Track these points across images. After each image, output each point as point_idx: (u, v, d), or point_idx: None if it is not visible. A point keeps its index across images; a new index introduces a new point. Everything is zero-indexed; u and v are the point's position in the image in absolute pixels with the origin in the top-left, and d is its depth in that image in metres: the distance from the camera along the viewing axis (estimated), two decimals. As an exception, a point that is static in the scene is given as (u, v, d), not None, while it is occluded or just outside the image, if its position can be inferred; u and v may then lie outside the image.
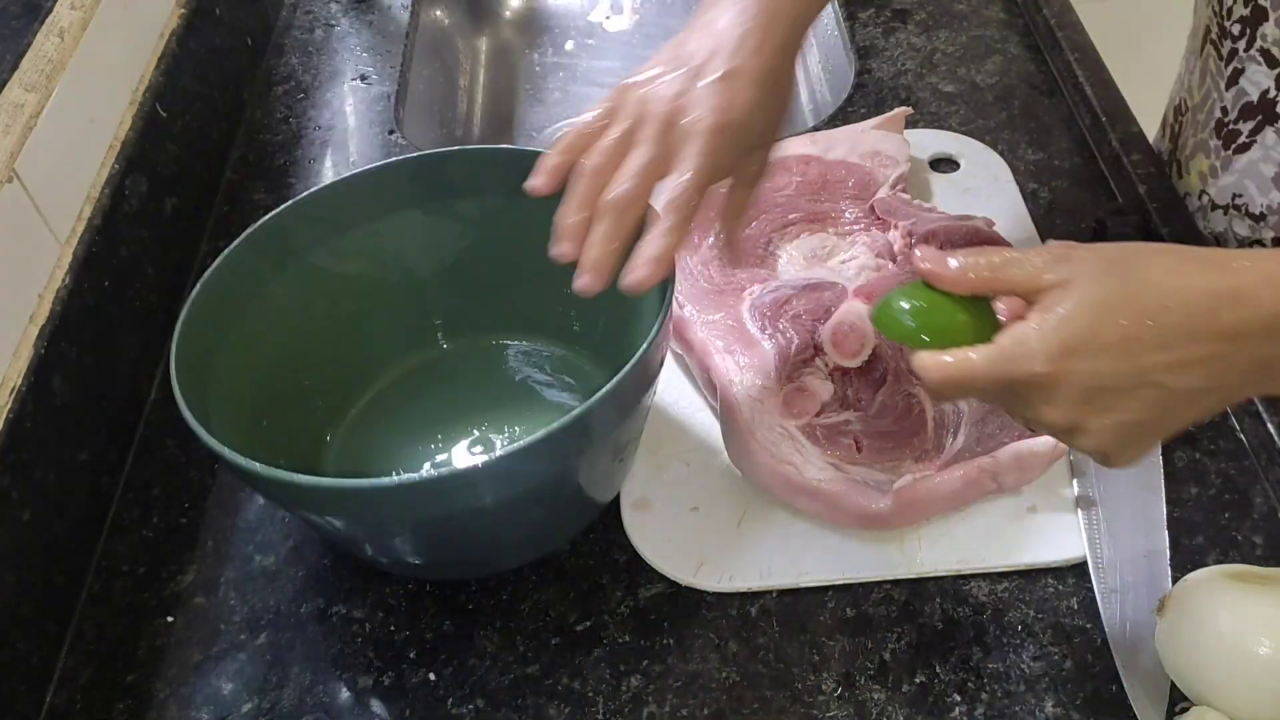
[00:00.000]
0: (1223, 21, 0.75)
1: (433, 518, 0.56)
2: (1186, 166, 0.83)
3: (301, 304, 0.68)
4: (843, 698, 0.59)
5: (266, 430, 0.65)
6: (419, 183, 0.70)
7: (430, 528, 0.58)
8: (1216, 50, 0.76)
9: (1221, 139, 0.78)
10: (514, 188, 0.69)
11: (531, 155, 0.69)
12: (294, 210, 0.67)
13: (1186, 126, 0.83)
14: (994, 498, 0.66)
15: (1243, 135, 0.75)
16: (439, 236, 0.72)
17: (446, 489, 0.53)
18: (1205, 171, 0.80)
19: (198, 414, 0.55)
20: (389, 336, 0.74)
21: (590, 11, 1.22)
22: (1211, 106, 0.78)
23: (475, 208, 0.71)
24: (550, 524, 0.64)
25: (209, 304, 0.62)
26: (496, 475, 0.53)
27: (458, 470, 0.52)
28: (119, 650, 0.64)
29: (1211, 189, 0.80)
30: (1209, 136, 0.79)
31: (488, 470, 0.53)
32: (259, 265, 0.66)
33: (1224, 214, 0.79)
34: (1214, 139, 0.78)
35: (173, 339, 0.58)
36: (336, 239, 0.69)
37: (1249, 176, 0.76)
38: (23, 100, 0.66)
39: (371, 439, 0.72)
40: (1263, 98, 0.73)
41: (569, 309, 0.74)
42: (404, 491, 0.53)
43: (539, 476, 0.56)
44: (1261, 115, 0.73)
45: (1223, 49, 0.75)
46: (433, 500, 0.54)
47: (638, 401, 0.60)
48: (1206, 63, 0.78)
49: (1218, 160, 0.79)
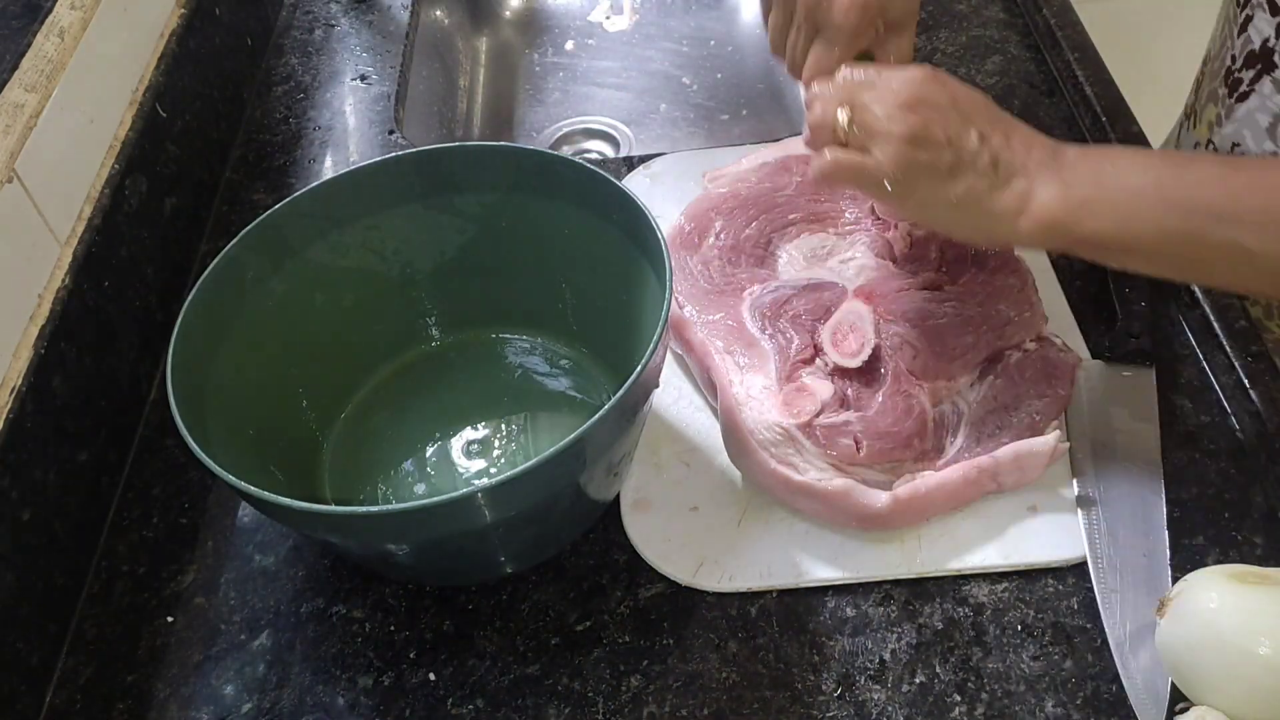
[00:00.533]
0: None
1: (428, 539, 0.56)
2: (1199, 116, 0.83)
3: (300, 300, 0.69)
4: (843, 698, 0.59)
5: (264, 428, 0.65)
6: (419, 178, 0.70)
7: (426, 546, 0.58)
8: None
9: (1228, 87, 0.78)
10: (513, 183, 0.70)
11: (530, 152, 0.69)
12: (292, 207, 0.67)
13: (1205, 76, 0.83)
14: (994, 498, 0.66)
15: (1244, 83, 0.76)
16: (438, 232, 0.72)
17: (443, 514, 0.53)
18: (1213, 120, 0.80)
19: (195, 427, 0.55)
20: (388, 331, 0.74)
21: (590, 11, 1.22)
22: (1224, 55, 0.78)
23: (474, 203, 0.71)
24: (549, 535, 0.64)
25: (206, 307, 0.62)
26: (495, 499, 0.53)
27: (455, 496, 0.52)
28: (119, 650, 0.64)
29: (1216, 137, 0.80)
30: (1219, 85, 0.79)
31: (486, 495, 0.53)
32: (257, 264, 0.66)
33: None
34: (1222, 87, 0.78)
35: (168, 351, 0.58)
36: (336, 234, 0.69)
37: (1247, 125, 0.76)
38: (23, 100, 0.66)
39: (370, 432, 0.72)
40: (1263, 46, 0.72)
41: (567, 304, 0.74)
42: (399, 517, 0.53)
43: (540, 495, 0.56)
44: (1261, 64, 0.73)
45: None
46: (428, 524, 0.54)
47: (637, 412, 0.60)
48: (1228, 9, 0.78)
49: (1223, 108, 0.78)
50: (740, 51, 1.17)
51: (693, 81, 1.13)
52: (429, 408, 0.73)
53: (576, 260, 0.71)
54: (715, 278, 0.74)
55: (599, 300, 0.72)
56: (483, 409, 0.73)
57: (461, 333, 0.76)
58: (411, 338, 0.76)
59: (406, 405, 0.73)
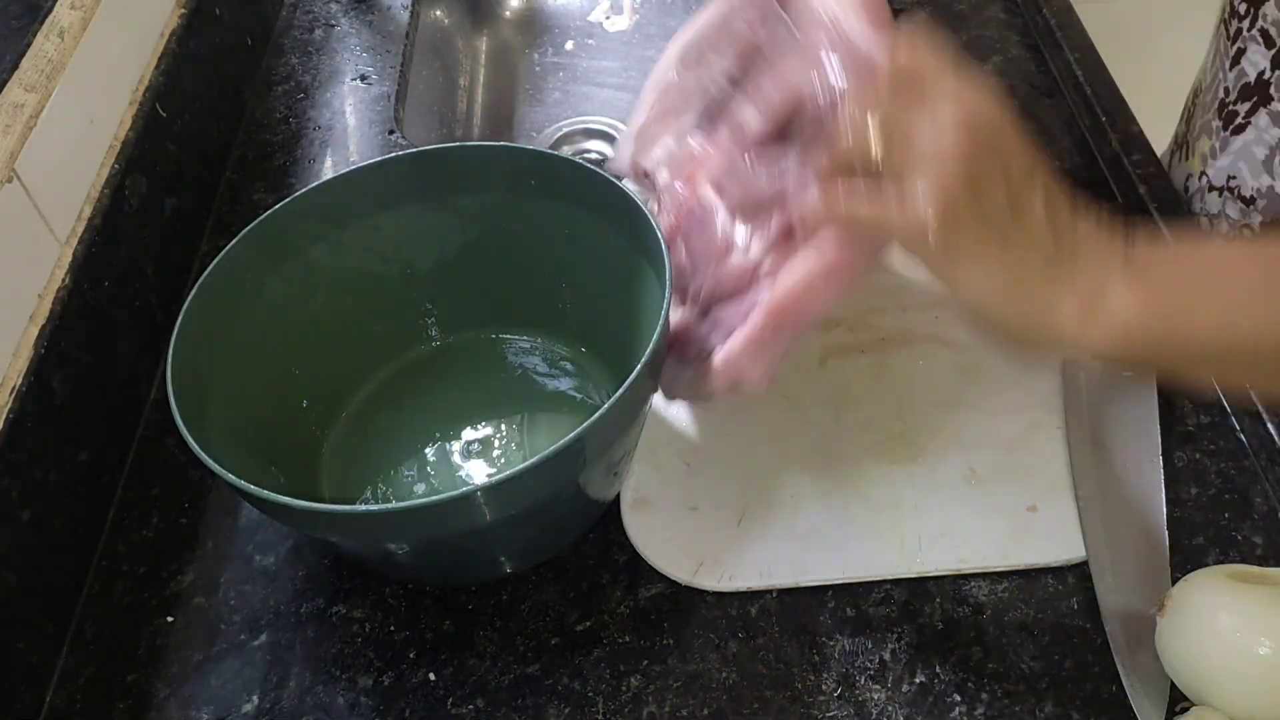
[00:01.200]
0: (1234, 1, 0.75)
1: (428, 539, 0.56)
2: (1192, 148, 0.83)
3: (300, 300, 0.69)
4: (843, 698, 0.59)
5: (264, 428, 0.65)
6: (418, 178, 0.70)
7: (425, 545, 0.58)
8: (1226, 30, 0.76)
9: (1222, 119, 0.77)
10: (513, 184, 0.70)
11: (530, 152, 0.69)
12: (292, 207, 0.67)
13: (1198, 108, 0.83)
14: (994, 498, 0.66)
15: (1240, 116, 0.75)
16: (438, 232, 0.72)
17: (442, 513, 0.53)
18: (1206, 153, 0.80)
19: (195, 427, 0.55)
20: (388, 331, 0.74)
21: (590, 11, 1.22)
22: (1217, 87, 0.78)
23: (475, 203, 0.71)
24: (549, 535, 0.64)
25: (206, 308, 0.62)
26: (495, 498, 0.53)
27: (455, 495, 0.52)
28: (119, 650, 0.64)
29: (1210, 170, 0.80)
30: (1212, 117, 0.79)
31: (486, 494, 0.52)
32: (257, 263, 0.66)
33: (1219, 195, 0.79)
34: (1216, 119, 0.78)
35: (168, 351, 0.58)
36: (336, 234, 0.69)
37: (1243, 158, 0.76)
38: (23, 100, 0.66)
39: (370, 433, 0.72)
40: (1259, 79, 0.72)
41: (567, 304, 0.74)
42: (399, 516, 0.53)
43: (540, 494, 0.56)
44: (1257, 96, 0.73)
45: (1230, 28, 0.75)
46: (428, 523, 0.54)
47: (638, 412, 0.60)
48: (1218, 43, 0.78)
49: (1217, 141, 0.78)
50: (740, 51, 1.17)
51: (693, 81, 1.13)
52: (429, 408, 0.73)
53: (576, 260, 0.71)
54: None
55: (599, 300, 0.71)
56: (483, 409, 0.73)
57: (461, 333, 0.76)
58: (412, 338, 0.76)
59: (407, 405, 0.73)
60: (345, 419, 0.72)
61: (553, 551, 0.66)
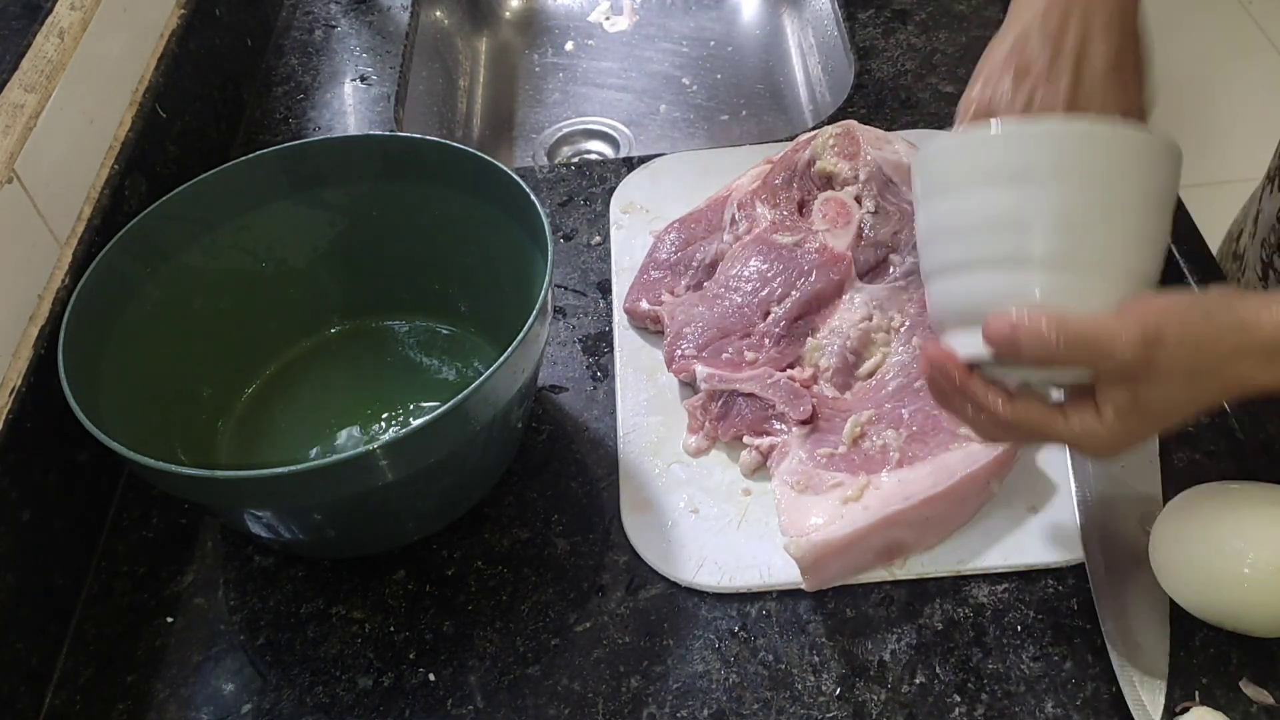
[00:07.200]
0: None
1: (326, 503, 0.58)
2: None
3: (179, 304, 0.70)
4: (842, 698, 0.59)
5: (160, 427, 0.66)
6: (284, 174, 0.71)
7: (327, 511, 0.59)
8: None
9: None
10: (380, 171, 0.71)
11: (394, 139, 0.71)
12: (159, 212, 0.68)
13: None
14: (994, 498, 0.66)
15: None
16: (309, 226, 0.74)
17: (341, 474, 0.55)
18: None
19: (92, 416, 0.56)
20: (273, 326, 0.75)
21: (590, 12, 1.22)
22: None
23: (343, 194, 0.72)
24: (457, 493, 0.65)
25: (87, 312, 0.63)
26: (392, 456, 0.55)
27: (352, 454, 0.54)
28: (119, 650, 0.64)
29: None
30: None
31: (385, 450, 0.54)
32: (130, 270, 0.67)
33: None
34: None
35: (58, 348, 0.59)
36: (207, 236, 0.70)
37: None
38: (23, 100, 0.66)
39: (266, 427, 0.73)
40: None
41: (453, 286, 0.75)
42: (297, 478, 0.54)
43: (435, 455, 0.57)
44: None
45: None
46: (327, 486, 0.56)
47: (521, 379, 0.61)
48: None
49: None
50: (740, 52, 1.17)
51: (693, 82, 1.13)
52: (322, 399, 0.74)
53: (457, 242, 0.72)
54: None
55: (485, 280, 0.73)
56: (375, 396, 0.74)
57: (348, 323, 0.78)
58: (297, 332, 0.77)
59: (300, 398, 0.75)
60: (238, 417, 0.73)
61: (465, 509, 0.67)
